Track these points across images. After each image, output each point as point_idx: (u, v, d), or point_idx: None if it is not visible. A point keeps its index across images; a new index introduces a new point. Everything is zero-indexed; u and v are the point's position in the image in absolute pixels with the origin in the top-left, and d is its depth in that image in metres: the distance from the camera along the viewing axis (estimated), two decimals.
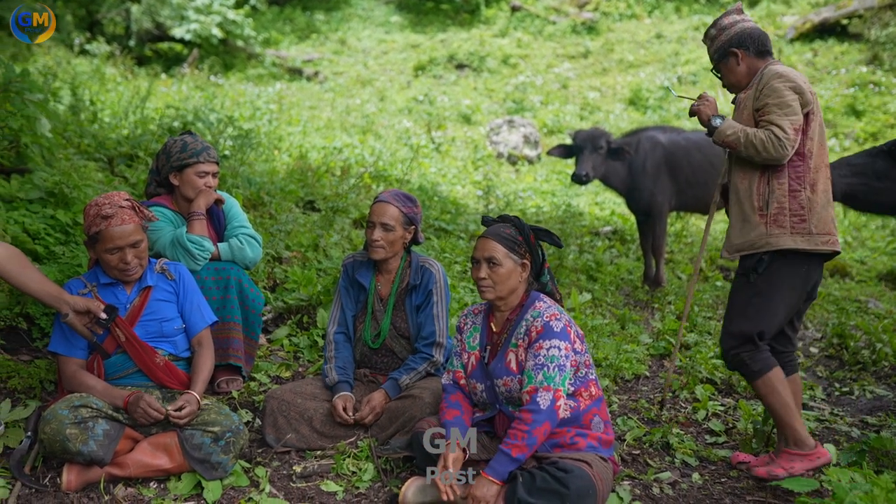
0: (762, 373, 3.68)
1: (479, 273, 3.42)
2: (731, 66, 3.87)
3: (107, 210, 3.52)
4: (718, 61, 3.92)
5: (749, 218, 3.70)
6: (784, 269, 3.65)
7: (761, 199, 3.66)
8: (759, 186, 3.67)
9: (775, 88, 3.60)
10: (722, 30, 3.88)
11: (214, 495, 3.36)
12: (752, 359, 3.69)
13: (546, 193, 11.83)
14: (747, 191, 3.72)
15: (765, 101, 3.63)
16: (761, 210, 3.65)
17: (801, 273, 3.67)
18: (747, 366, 3.71)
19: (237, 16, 18.26)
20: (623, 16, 20.26)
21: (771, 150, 3.54)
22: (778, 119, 3.56)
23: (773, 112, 3.58)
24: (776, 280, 3.65)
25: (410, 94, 16.88)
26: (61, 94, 9.43)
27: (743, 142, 3.64)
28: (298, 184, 8.27)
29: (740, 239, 3.74)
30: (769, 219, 3.63)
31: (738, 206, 3.77)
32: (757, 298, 3.68)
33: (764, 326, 3.68)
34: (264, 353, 4.94)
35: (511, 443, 3.16)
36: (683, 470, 3.97)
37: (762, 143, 3.55)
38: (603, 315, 6.61)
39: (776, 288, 3.66)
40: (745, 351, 3.70)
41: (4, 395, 3.94)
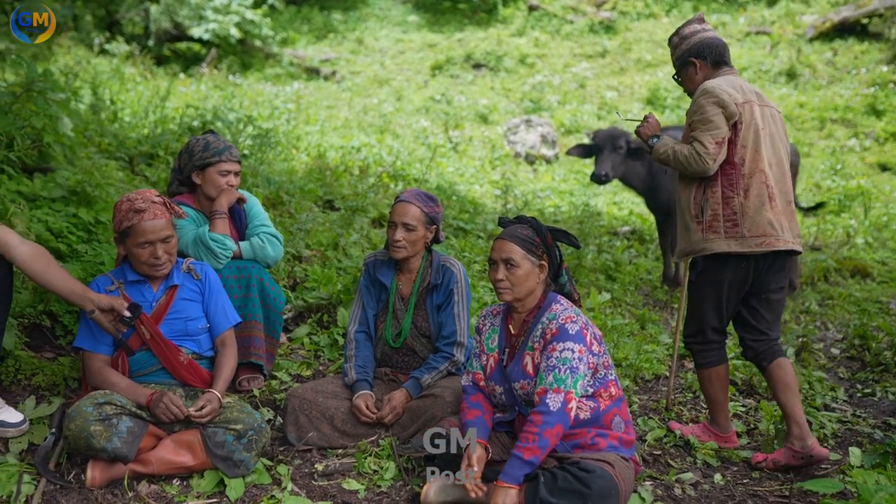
0: (705, 367, 4.15)
1: (497, 275, 3.41)
2: (690, 75, 4.15)
3: (139, 204, 3.55)
4: (679, 69, 4.20)
5: (689, 225, 4.01)
6: (719, 270, 3.95)
7: (697, 207, 3.96)
8: (696, 196, 3.97)
9: (700, 105, 3.89)
10: (683, 38, 4.15)
11: (237, 493, 3.38)
12: (702, 353, 4.15)
13: (564, 193, 11.81)
14: (687, 200, 4.02)
15: (691, 118, 3.94)
16: (697, 217, 3.96)
17: (740, 271, 3.93)
18: (696, 357, 4.20)
19: (255, 15, 18.31)
20: (641, 15, 20.19)
21: (693, 164, 3.87)
22: (700, 135, 3.86)
23: (697, 128, 3.89)
24: (718, 277, 3.97)
25: (427, 93, 16.88)
26: (82, 94, 9.49)
27: (672, 158, 3.98)
28: (317, 183, 8.29)
29: (683, 245, 4.09)
30: (705, 225, 3.93)
31: (680, 215, 4.10)
32: (698, 297, 4.09)
33: (708, 321, 4.08)
34: (285, 351, 4.96)
35: (522, 445, 3.15)
36: (705, 471, 3.95)
37: (686, 159, 3.89)
38: (622, 315, 6.59)
39: (721, 284, 3.97)
40: (697, 343, 4.15)
41: (29, 391, 3.97)
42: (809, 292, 7.90)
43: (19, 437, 3.58)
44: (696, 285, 4.09)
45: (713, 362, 4.14)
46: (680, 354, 5.81)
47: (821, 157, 13.30)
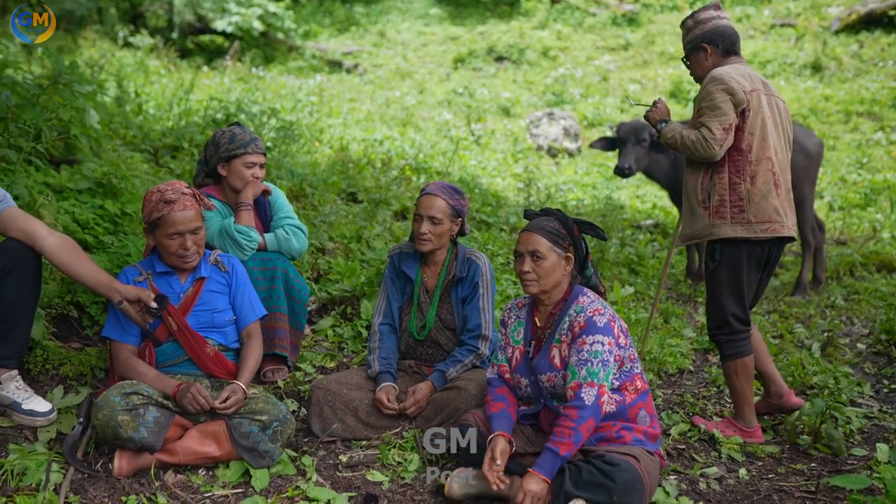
0: (731, 357, 4.13)
1: (523, 267, 3.41)
2: (700, 60, 4.19)
3: (170, 195, 3.58)
4: (689, 52, 4.23)
5: (695, 210, 4.06)
6: (739, 254, 4.00)
7: (704, 192, 4.01)
8: (703, 181, 4.02)
9: (709, 91, 3.93)
10: (697, 23, 4.19)
11: (262, 483, 3.40)
12: (728, 343, 4.13)
13: (587, 186, 11.76)
14: (693, 185, 4.07)
15: (700, 104, 3.98)
16: (704, 203, 4.01)
17: (753, 256, 4.01)
18: (722, 348, 4.16)
19: (278, 8, 18.36)
20: (664, 7, 20.05)
21: (700, 150, 3.90)
22: (707, 121, 3.90)
23: (705, 114, 3.93)
24: (735, 264, 4.02)
25: (450, 86, 16.86)
26: (107, 87, 9.54)
27: (679, 143, 4.02)
28: (340, 175, 8.30)
29: (689, 230, 4.13)
30: (711, 210, 3.98)
31: (686, 200, 4.14)
32: (717, 286, 4.08)
33: (729, 309, 4.09)
34: (309, 343, 4.97)
35: (558, 440, 3.15)
36: (730, 465, 3.93)
37: (693, 144, 3.93)
38: (646, 309, 6.56)
39: (738, 271, 4.03)
40: (723, 334, 4.13)
41: (56, 381, 4.01)
42: (835, 287, 7.83)
43: (48, 426, 3.62)
44: (714, 274, 4.09)
45: (740, 353, 4.12)
46: (703, 349, 5.79)
47: (846, 151, 13.17)
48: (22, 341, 3.59)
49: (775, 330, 6.24)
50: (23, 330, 3.57)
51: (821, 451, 4.07)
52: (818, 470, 3.86)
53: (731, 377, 4.18)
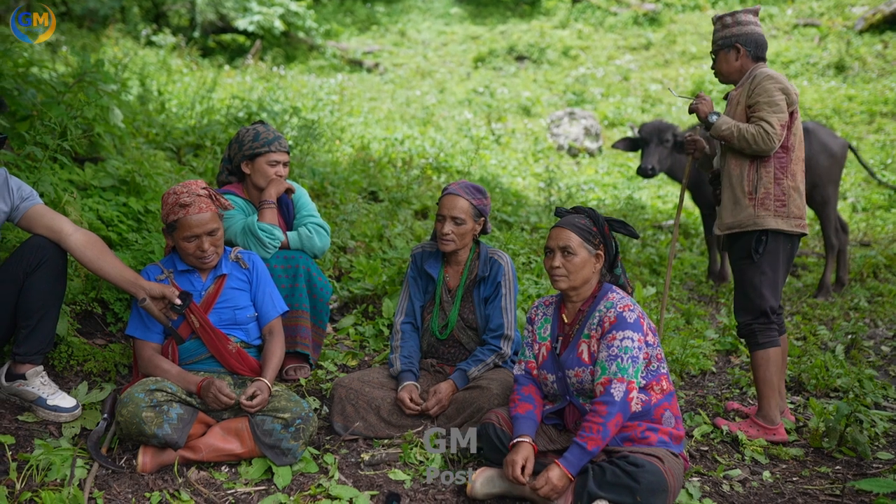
0: (765, 346, 4.19)
1: (553, 262, 3.40)
2: (730, 58, 4.30)
3: (185, 199, 3.58)
4: (721, 48, 4.32)
5: (739, 200, 4.16)
6: (778, 248, 4.15)
7: (751, 184, 4.14)
8: (749, 173, 4.15)
9: (766, 88, 4.07)
10: (736, 22, 4.30)
11: (284, 481, 3.40)
12: (763, 332, 4.20)
13: (607, 186, 11.72)
14: (739, 177, 4.18)
15: (756, 98, 4.09)
16: (751, 194, 4.13)
17: (787, 250, 4.18)
18: (756, 336, 4.21)
19: (299, 7, 18.41)
20: (686, 7, 19.96)
21: (760, 143, 4.02)
22: (767, 116, 4.03)
23: (763, 109, 4.05)
24: (774, 258, 4.15)
25: (470, 85, 16.85)
26: (130, 85, 9.60)
27: (736, 135, 4.09)
28: (361, 174, 8.31)
29: (731, 219, 4.21)
30: (757, 202, 4.11)
31: (730, 190, 4.23)
32: (763, 276, 4.16)
33: (774, 300, 4.19)
34: (330, 341, 4.98)
35: (586, 435, 3.14)
36: (753, 468, 3.90)
37: (752, 137, 4.03)
38: (668, 309, 6.53)
39: (777, 265, 4.17)
40: (759, 323, 4.20)
41: (81, 377, 4.04)
42: (858, 289, 7.76)
43: (72, 422, 3.65)
44: (756, 266, 4.16)
45: (774, 342, 4.20)
46: (725, 350, 5.76)
47: (870, 152, 13.05)
48: (47, 337, 3.61)
49: (798, 332, 6.19)
50: (48, 326, 3.59)
51: (845, 454, 4.03)
52: (843, 473, 3.82)
53: (764, 368, 4.20)
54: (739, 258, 4.25)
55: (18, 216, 3.54)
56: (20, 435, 3.47)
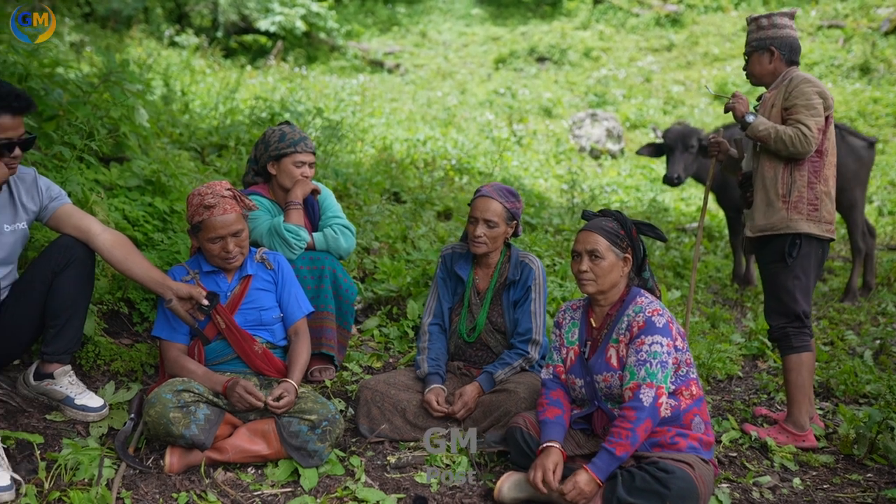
0: (798, 350, 4.17)
1: (581, 266, 3.37)
2: (763, 61, 4.29)
3: (209, 200, 3.57)
4: (755, 50, 4.30)
5: (773, 203, 4.14)
6: (810, 252, 4.13)
7: (785, 187, 4.13)
8: (783, 176, 4.13)
9: (804, 91, 4.07)
10: (773, 25, 4.28)
11: (311, 483, 3.39)
12: (796, 336, 4.17)
13: (630, 188, 11.67)
14: (773, 179, 4.16)
15: (794, 101, 4.08)
16: (784, 197, 4.12)
17: (818, 255, 4.17)
18: (790, 340, 4.18)
19: (321, 8, 18.45)
20: (708, 8, 19.86)
21: (798, 145, 4.00)
22: (805, 118, 4.02)
23: (801, 112, 4.04)
24: (806, 262, 4.14)
25: (491, 86, 16.82)
26: (153, 85, 9.64)
27: (773, 137, 4.06)
28: (383, 175, 8.30)
29: (763, 221, 4.18)
30: (790, 205, 4.10)
31: (763, 193, 4.20)
32: (797, 280, 4.15)
33: (806, 304, 4.19)
34: (355, 342, 4.97)
35: (615, 441, 3.11)
36: (783, 474, 3.85)
37: (790, 139, 4.00)
38: (693, 313, 6.48)
39: (809, 269, 4.16)
40: (793, 327, 4.18)
41: (108, 377, 4.05)
42: (886, 293, 7.67)
43: (99, 422, 3.65)
44: (789, 269, 4.15)
45: (807, 347, 4.19)
46: (752, 355, 5.70)
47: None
48: (75, 337, 3.62)
49: (826, 337, 6.13)
50: (76, 325, 3.60)
51: (877, 461, 3.98)
52: (875, 481, 3.77)
53: (796, 372, 4.17)
54: (772, 261, 4.22)
55: (47, 216, 3.55)
56: (48, 434, 3.48)
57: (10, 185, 3.46)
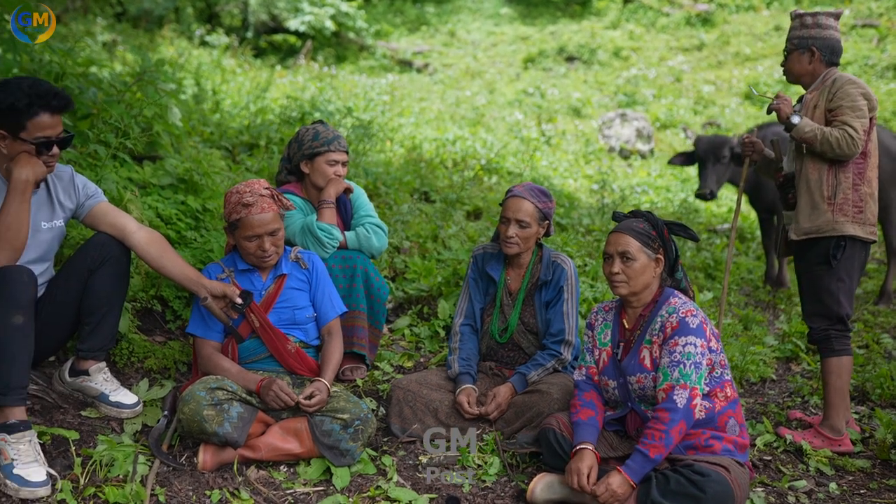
0: (840, 353, 4.14)
1: (612, 268, 3.34)
2: (803, 60, 4.25)
3: (248, 198, 3.58)
4: (795, 48, 4.26)
5: (818, 205, 4.10)
6: (854, 255, 4.10)
7: (830, 189, 4.09)
8: (828, 178, 4.09)
9: (849, 93, 4.03)
10: (817, 25, 4.24)
11: (343, 482, 3.39)
12: (839, 339, 4.15)
13: (660, 189, 11.58)
14: (817, 181, 4.12)
15: (839, 102, 4.04)
16: (830, 199, 4.08)
17: (861, 258, 4.15)
18: (832, 343, 4.15)
19: (350, 8, 18.49)
20: (740, 7, 19.69)
21: (844, 147, 3.96)
22: (851, 120, 3.98)
23: (846, 113, 4.01)
24: (850, 265, 4.11)
25: (520, 86, 16.78)
26: (185, 84, 9.71)
27: (819, 139, 4.02)
28: (413, 175, 8.30)
29: (808, 224, 4.13)
30: (835, 207, 4.06)
31: (807, 195, 4.15)
32: (841, 283, 4.11)
33: (849, 308, 4.15)
34: (386, 342, 4.97)
35: (649, 443, 3.08)
36: (819, 479, 3.80)
37: (836, 141, 3.96)
38: (725, 315, 6.42)
39: (853, 272, 4.14)
40: (835, 330, 4.15)
41: (141, 374, 4.07)
42: None
43: (133, 419, 3.68)
44: (833, 272, 4.11)
45: (847, 350, 4.17)
46: (786, 357, 5.64)
47: None
48: (110, 334, 3.65)
49: (861, 340, 6.04)
50: (111, 323, 3.63)
51: None
52: None
53: (835, 375, 4.14)
54: (815, 264, 4.17)
55: (83, 214, 3.58)
56: (83, 430, 3.51)
57: (48, 182, 3.50)
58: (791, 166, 4.33)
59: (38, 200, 3.45)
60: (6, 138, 3.25)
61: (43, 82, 3.27)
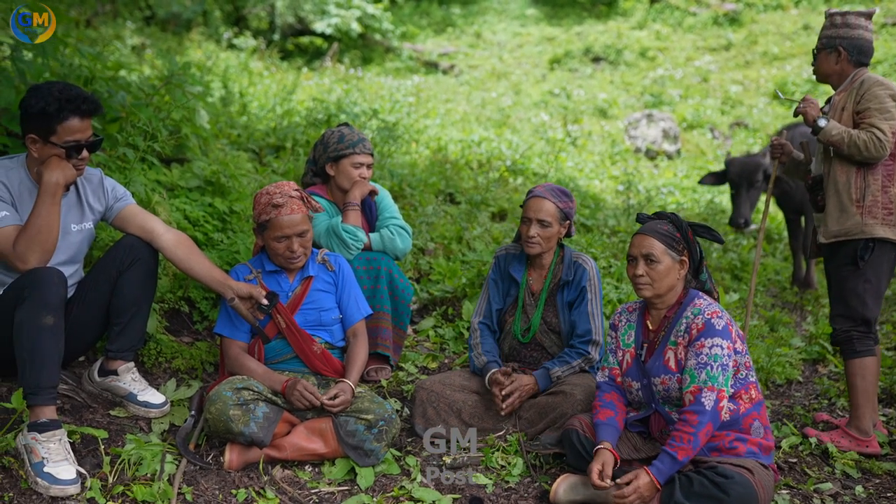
0: (862, 354, 4.10)
1: (637, 270, 3.34)
2: (830, 60, 4.25)
3: (278, 199, 3.62)
4: (823, 48, 4.26)
5: (846, 208, 4.09)
6: (883, 257, 4.08)
7: (858, 191, 4.07)
8: (856, 181, 4.08)
9: (877, 94, 4.01)
10: (846, 25, 4.21)
11: (367, 482, 3.42)
12: (861, 340, 4.11)
13: (687, 189, 11.51)
14: (846, 184, 4.10)
15: (867, 104, 4.03)
16: (858, 202, 4.06)
17: (891, 260, 4.12)
18: (853, 344, 4.12)
19: (376, 10, 18.54)
20: (768, 6, 19.52)
21: (872, 149, 3.95)
22: (879, 122, 3.97)
23: (874, 115, 3.99)
24: (878, 267, 4.08)
25: (546, 87, 16.74)
26: (212, 87, 9.79)
27: (846, 141, 4.01)
28: (438, 176, 8.33)
29: (837, 226, 4.12)
30: (864, 210, 4.04)
31: (836, 198, 4.14)
32: (868, 284, 4.09)
33: (876, 309, 4.14)
34: (410, 343, 4.99)
35: (677, 445, 3.08)
36: (844, 482, 3.78)
37: (864, 144, 3.96)
38: (752, 316, 6.38)
39: (881, 274, 4.10)
40: (858, 331, 4.12)
41: (169, 374, 4.13)
42: None
43: (161, 418, 3.73)
44: (860, 274, 4.09)
45: (872, 351, 4.13)
46: (812, 359, 5.60)
47: None
48: (138, 334, 3.70)
49: (889, 342, 5.99)
50: (139, 323, 3.68)
51: None
52: None
53: (860, 376, 4.11)
54: (843, 265, 4.15)
55: (112, 216, 3.64)
56: (112, 429, 3.56)
57: (78, 185, 3.56)
58: (819, 168, 4.31)
59: (68, 203, 3.51)
60: (37, 142, 3.31)
61: (73, 87, 3.33)
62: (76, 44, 5.58)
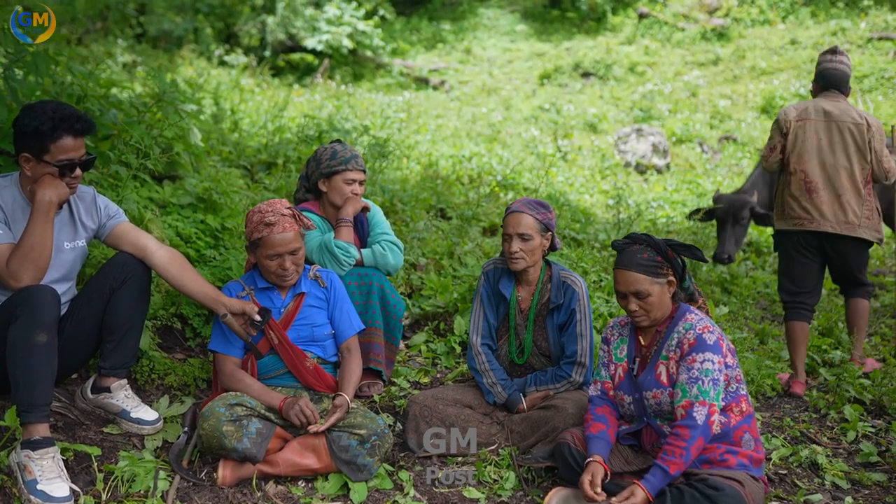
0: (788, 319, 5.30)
1: (630, 306, 3.36)
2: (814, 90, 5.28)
3: (270, 217, 3.65)
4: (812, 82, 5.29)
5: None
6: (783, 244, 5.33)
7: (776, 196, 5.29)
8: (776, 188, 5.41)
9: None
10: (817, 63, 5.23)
11: (360, 497, 3.43)
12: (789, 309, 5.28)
13: (676, 203, 11.58)
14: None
15: None
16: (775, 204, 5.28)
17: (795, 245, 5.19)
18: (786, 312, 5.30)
19: (366, 26, 18.63)
20: (755, 21, 19.67)
21: (763, 162, 5.31)
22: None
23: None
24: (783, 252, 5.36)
25: (536, 102, 16.83)
26: (203, 104, 9.82)
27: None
28: (429, 192, 8.36)
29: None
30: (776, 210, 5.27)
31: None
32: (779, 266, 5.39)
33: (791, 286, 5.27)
34: (403, 358, 5.01)
35: (668, 459, 3.11)
36: (834, 493, 3.80)
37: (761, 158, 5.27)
38: (741, 329, 6.42)
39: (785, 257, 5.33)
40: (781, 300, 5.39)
41: (162, 391, 4.13)
42: None
43: (154, 435, 3.73)
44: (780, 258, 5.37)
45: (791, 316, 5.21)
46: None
47: None
48: (131, 351, 3.71)
49: (878, 353, 6.03)
50: (132, 340, 3.69)
51: None
52: None
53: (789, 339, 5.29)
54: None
55: (105, 234, 3.66)
56: (105, 446, 3.57)
57: (70, 203, 3.58)
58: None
59: (61, 221, 3.53)
60: (30, 161, 3.34)
61: (66, 106, 3.36)
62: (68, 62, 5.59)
